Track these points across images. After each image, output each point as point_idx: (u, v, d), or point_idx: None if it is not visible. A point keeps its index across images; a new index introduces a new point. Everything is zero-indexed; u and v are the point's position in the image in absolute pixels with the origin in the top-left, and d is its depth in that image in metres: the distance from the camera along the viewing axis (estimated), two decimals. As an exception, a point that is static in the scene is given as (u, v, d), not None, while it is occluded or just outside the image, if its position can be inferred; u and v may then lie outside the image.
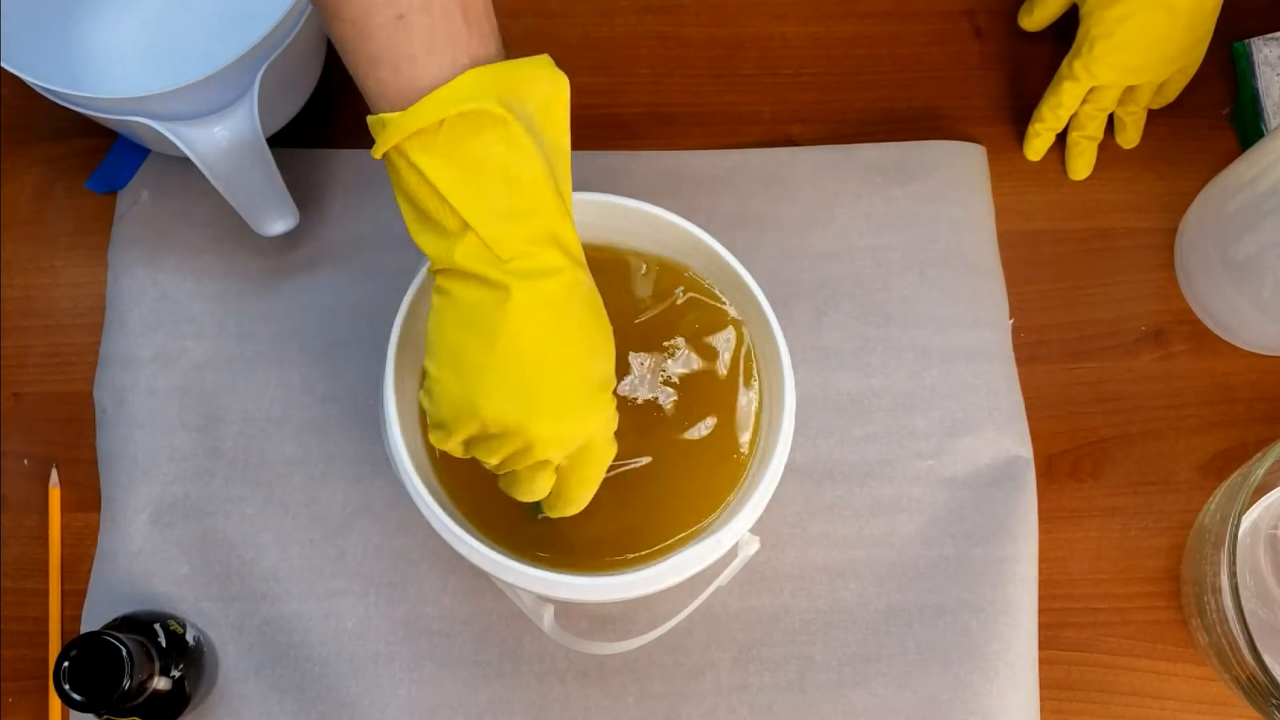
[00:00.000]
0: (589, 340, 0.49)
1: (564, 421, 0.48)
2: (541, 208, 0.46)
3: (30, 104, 0.71)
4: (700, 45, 0.76)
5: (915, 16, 0.77)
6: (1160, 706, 0.64)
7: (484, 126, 0.45)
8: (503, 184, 0.46)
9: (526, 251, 0.46)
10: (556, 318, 0.47)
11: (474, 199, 0.45)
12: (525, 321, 0.46)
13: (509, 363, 0.47)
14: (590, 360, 0.49)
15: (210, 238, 0.70)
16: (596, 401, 0.49)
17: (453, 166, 0.45)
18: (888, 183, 0.72)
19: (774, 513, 0.62)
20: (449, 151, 0.45)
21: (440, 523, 0.53)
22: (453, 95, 0.45)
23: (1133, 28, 0.66)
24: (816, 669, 0.63)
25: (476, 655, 0.63)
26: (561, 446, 0.49)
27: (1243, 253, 0.66)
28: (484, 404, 0.47)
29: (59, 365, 0.68)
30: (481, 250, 0.46)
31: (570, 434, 0.48)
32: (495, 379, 0.47)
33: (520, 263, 0.46)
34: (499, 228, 0.46)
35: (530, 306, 0.46)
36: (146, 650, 0.55)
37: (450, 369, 0.48)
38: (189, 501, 0.65)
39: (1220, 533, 0.59)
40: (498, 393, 0.47)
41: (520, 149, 0.46)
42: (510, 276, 0.46)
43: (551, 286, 0.47)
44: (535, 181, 0.46)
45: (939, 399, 0.67)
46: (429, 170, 0.45)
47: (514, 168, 0.46)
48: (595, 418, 0.49)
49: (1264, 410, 0.69)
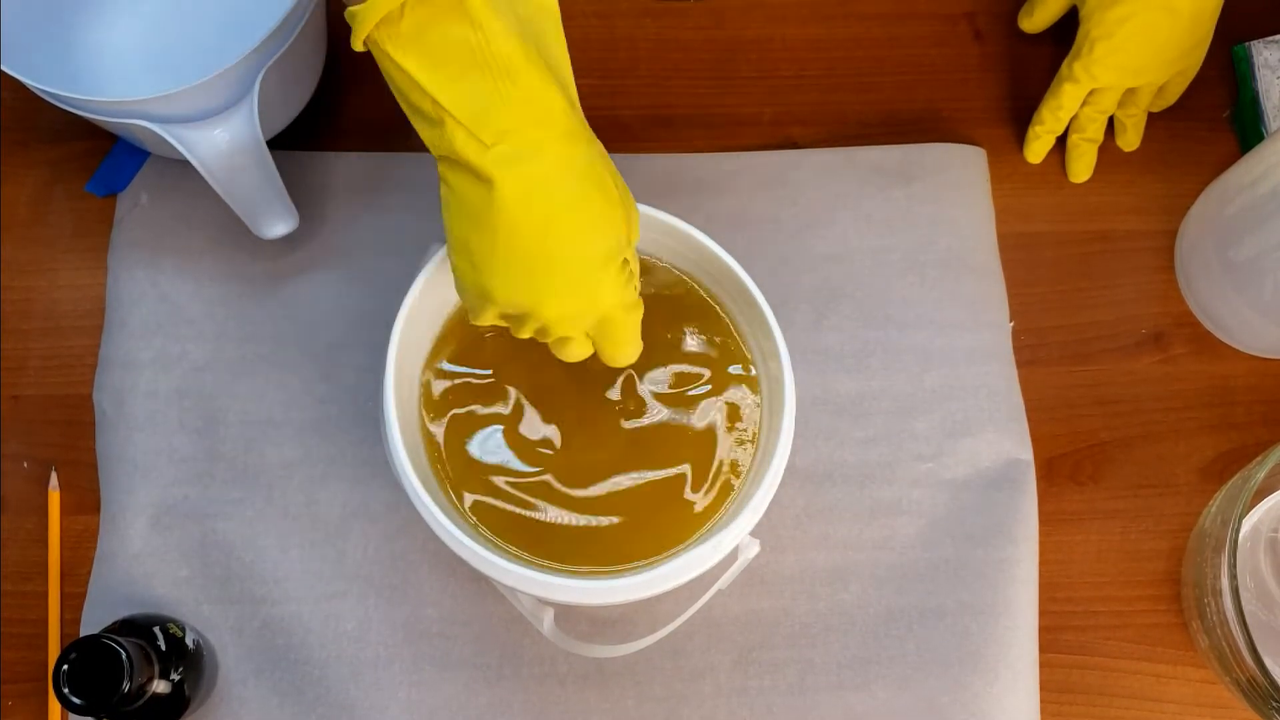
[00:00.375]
0: (588, 215, 0.49)
1: (571, 300, 0.50)
2: (518, 82, 0.47)
3: (30, 106, 0.71)
4: (700, 48, 0.76)
5: (915, 19, 0.77)
6: (1160, 709, 0.64)
7: (444, 7, 0.45)
8: (472, 65, 0.46)
9: (510, 130, 0.47)
10: (548, 199, 0.48)
11: (447, 85, 0.46)
12: (516, 209, 0.47)
13: (509, 251, 0.48)
14: (590, 236, 0.49)
15: (210, 240, 0.70)
16: (601, 276, 0.50)
17: (421, 54, 0.46)
18: (888, 185, 0.72)
19: (774, 515, 0.62)
20: (415, 38, 0.46)
21: (440, 525, 0.53)
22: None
23: (1133, 29, 0.66)
24: (816, 672, 0.63)
25: (476, 658, 0.63)
26: (576, 322, 0.51)
27: (1243, 255, 0.66)
28: (494, 291, 0.49)
29: (58, 368, 0.68)
30: (466, 137, 0.46)
31: (580, 311, 0.50)
32: (500, 267, 0.49)
33: (505, 146, 0.47)
34: (476, 111, 0.46)
35: (519, 193, 0.47)
36: (146, 653, 0.55)
37: (464, 259, 0.50)
38: (189, 504, 0.65)
39: (1221, 536, 0.59)
40: (504, 280, 0.49)
41: (483, 26, 0.46)
42: (496, 165, 0.47)
43: (539, 167, 0.48)
44: (506, 56, 0.46)
45: (939, 401, 0.67)
46: (401, 60, 0.46)
47: (480, 45, 0.46)
48: (603, 292, 0.50)
49: (1264, 413, 0.69)
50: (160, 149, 0.68)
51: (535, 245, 0.48)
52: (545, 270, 0.49)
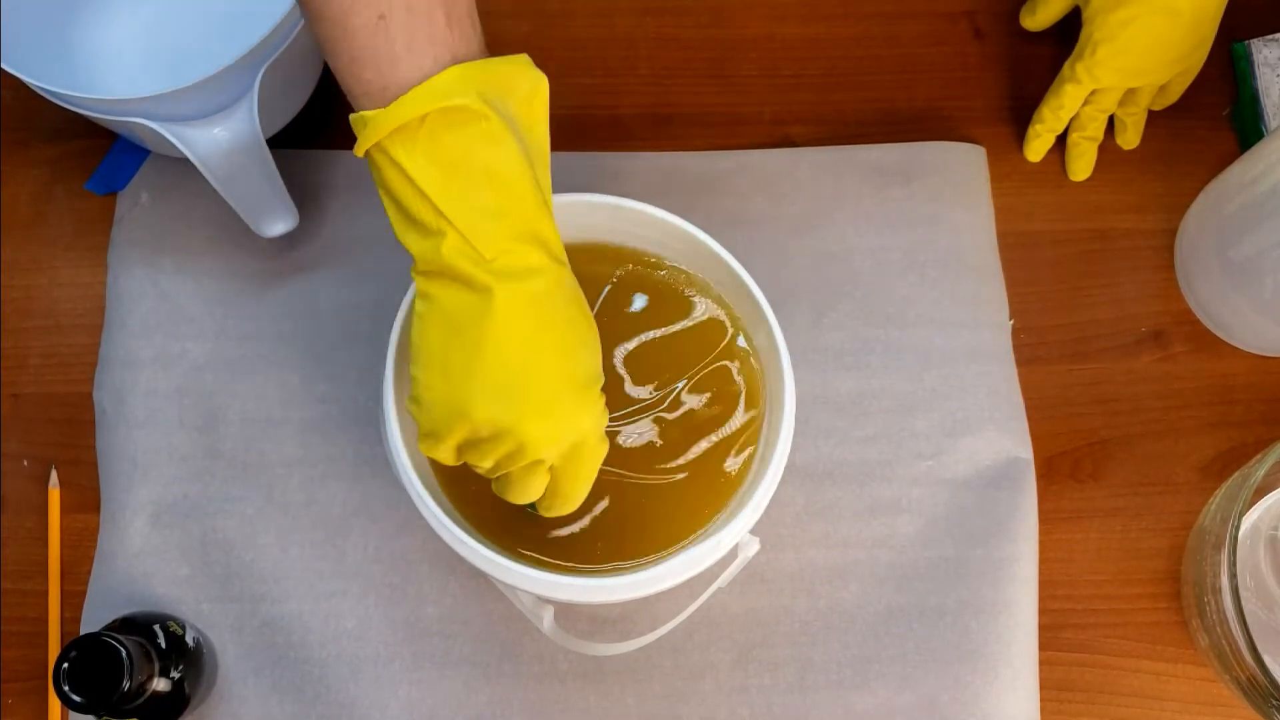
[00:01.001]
0: (575, 338, 0.49)
1: (554, 420, 0.48)
2: (522, 205, 0.47)
3: (30, 105, 0.71)
4: (700, 46, 0.76)
5: (915, 17, 0.77)
6: (1160, 707, 0.64)
7: (465, 122, 0.45)
8: (484, 181, 0.46)
9: (508, 249, 0.46)
10: (541, 317, 0.47)
11: (455, 196, 0.45)
12: (510, 322, 0.47)
13: (497, 364, 0.47)
14: (577, 358, 0.49)
15: (210, 239, 0.70)
16: (585, 398, 0.49)
17: (434, 163, 0.45)
18: (888, 184, 0.72)
19: (774, 514, 0.62)
20: (430, 148, 0.45)
21: (440, 524, 0.53)
22: (434, 91, 0.45)
23: (1136, 31, 0.66)
24: (816, 670, 0.63)
25: (476, 656, 0.63)
26: (554, 445, 0.49)
27: (1242, 254, 0.66)
28: (474, 407, 0.47)
29: (59, 366, 0.68)
30: (464, 248, 0.46)
31: (561, 432, 0.49)
32: (483, 381, 0.47)
33: (503, 261, 0.46)
34: (480, 225, 0.46)
35: (514, 307, 0.47)
36: (146, 651, 0.55)
37: (438, 373, 0.48)
38: (189, 502, 0.65)
39: (1220, 534, 0.59)
40: (487, 395, 0.47)
41: (501, 145, 0.46)
42: (493, 277, 0.46)
43: (535, 286, 0.47)
44: (516, 178, 0.46)
45: (939, 400, 0.67)
46: (410, 167, 0.45)
47: (495, 164, 0.46)
48: (585, 414, 0.49)
49: (1264, 411, 0.69)
50: (160, 147, 0.68)
51: (524, 360, 0.47)
52: (532, 386, 0.47)
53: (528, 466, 0.50)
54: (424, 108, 0.45)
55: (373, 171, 0.47)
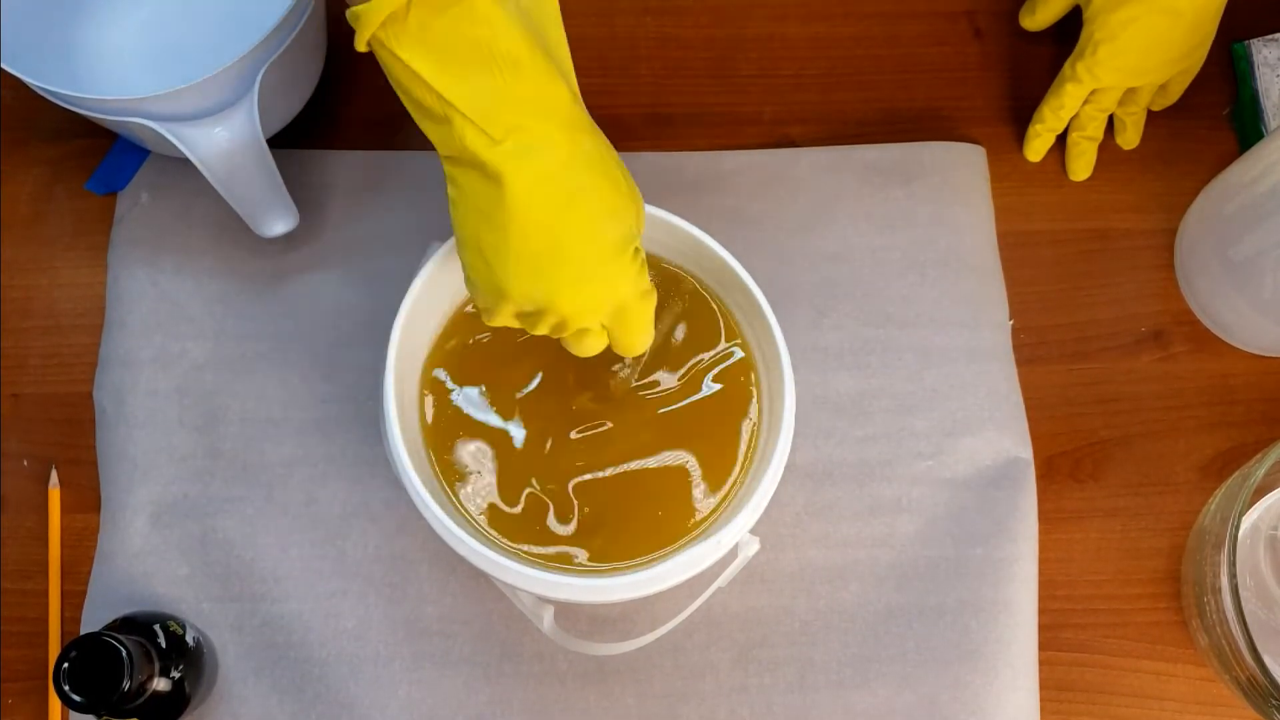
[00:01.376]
0: (599, 206, 0.49)
1: (588, 292, 0.50)
2: (525, 78, 0.47)
3: (30, 105, 0.71)
4: (700, 46, 0.76)
5: (915, 17, 0.77)
6: (1160, 707, 0.64)
7: (449, 3, 0.45)
8: (479, 60, 0.46)
9: (518, 125, 0.46)
10: (560, 192, 0.48)
11: (453, 81, 0.46)
12: (528, 204, 0.47)
13: (522, 246, 0.48)
14: (602, 226, 0.49)
15: (210, 239, 0.70)
16: (615, 265, 0.50)
17: (427, 50, 0.45)
18: (888, 183, 0.72)
19: (774, 513, 0.62)
20: (420, 36, 0.45)
21: (440, 523, 0.53)
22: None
23: (1137, 31, 0.66)
24: (816, 670, 0.63)
25: (476, 656, 0.63)
26: (593, 313, 0.51)
27: (1242, 254, 0.66)
28: (510, 287, 0.49)
29: (59, 366, 0.68)
30: (473, 132, 0.46)
31: (596, 301, 0.50)
32: (514, 263, 0.48)
33: (513, 141, 0.47)
34: (483, 106, 0.46)
35: (530, 187, 0.47)
36: (146, 651, 0.55)
37: (475, 255, 0.49)
38: (189, 502, 0.65)
39: (1220, 534, 0.59)
40: (519, 276, 0.49)
41: (491, 21, 0.46)
42: (505, 160, 0.46)
43: (548, 160, 0.47)
44: (514, 51, 0.46)
45: (939, 400, 0.67)
46: (407, 58, 0.46)
47: (488, 40, 0.46)
48: (618, 280, 0.50)
49: (1264, 411, 0.69)
50: (160, 147, 0.68)
51: (549, 239, 0.48)
52: (561, 262, 0.49)
53: (578, 332, 0.52)
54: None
55: (381, 64, 0.48)
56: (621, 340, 0.54)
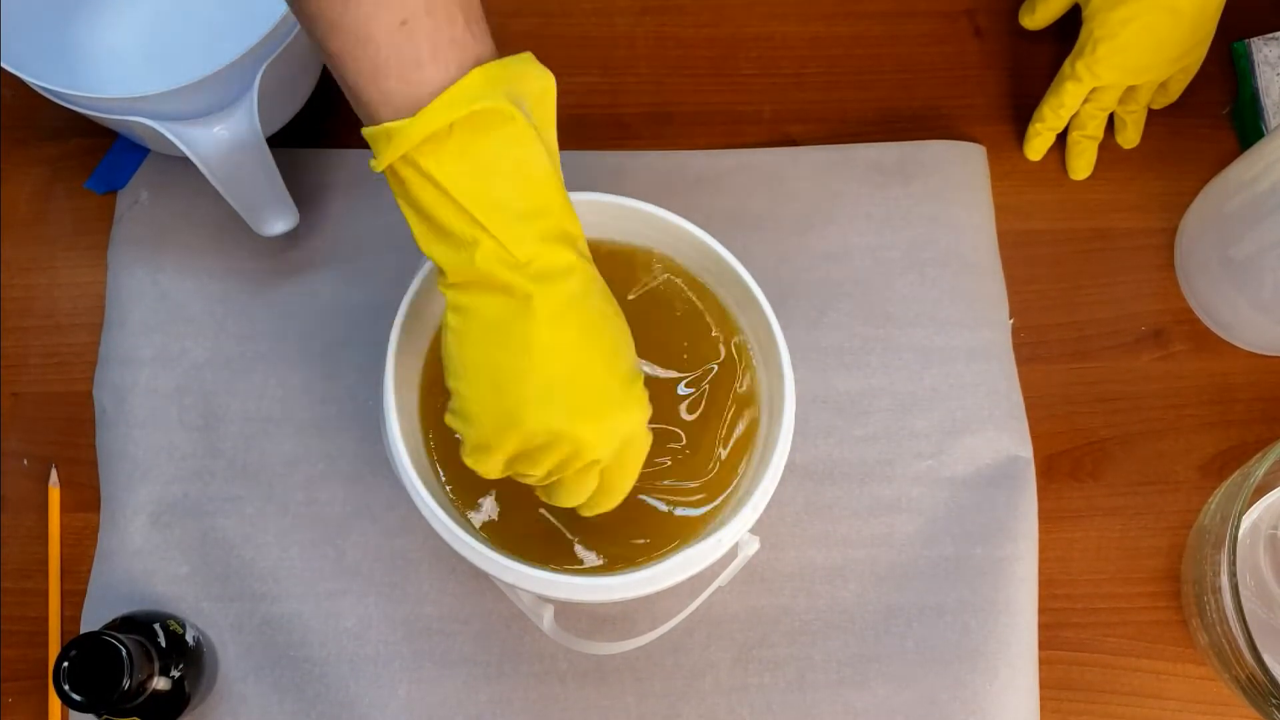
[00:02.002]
0: (614, 334, 0.49)
1: (608, 420, 0.48)
2: (552, 204, 0.46)
3: (30, 104, 0.71)
4: (700, 45, 0.76)
5: (915, 16, 0.77)
6: (1160, 706, 0.64)
7: (494, 125, 0.45)
8: (516, 183, 0.45)
9: (542, 251, 0.46)
10: (582, 318, 0.47)
11: (488, 202, 0.45)
12: (555, 326, 0.46)
13: (546, 369, 0.46)
14: (620, 354, 0.49)
15: (210, 238, 0.70)
16: (633, 393, 0.49)
17: (465, 170, 0.44)
18: (888, 182, 0.72)
19: (774, 513, 0.62)
20: (461, 154, 0.44)
21: (440, 523, 0.53)
22: (463, 95, 0.44)
23: (1137, 30, 0.66)
24: (816, 669, 0.63)
25: (476, 655, 0.63)
26: (608, 444, 0.48)
27: (1243, 253, 0.66)
28: (526, 415, 0.46)
29: (59, 365, 0.68)
30: (500, 254, 0.45)
31: (615, 430, 0.48)
32: (534, 388, 0.46)
33: (538, 264, 0.46)
34: (515, 229, 0.45)
35: (555, 310, 0.46)
36: (146, 650, 0.55)
37: (485, 385, 0.47)
38: (188, 501, 0.65)
39: (1220, 533, 0.59)
40: (538, 401, 0.46)
41: (529, 145, 0.45)
42: (530, 281, 0.45)
43: (571, 286, 0.47)
44: (546, 178, 0.46)
45: (939, 399, 0.67)
46: (440, 176, 0.44)
47: (526, 165, 0.45)
48: (635, 409, 0.49)
49: (1264, 410, 0.69)
50: (160, 146, 0.68)
51: (573, 363, 0.47)
52: (585, 389, 0.47)
53: (582, 469, 0.49)
54: (454, 114, 0.43)
55: (393, 185, 0.46)
56: (614, 482, 0.51)
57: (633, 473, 0.51)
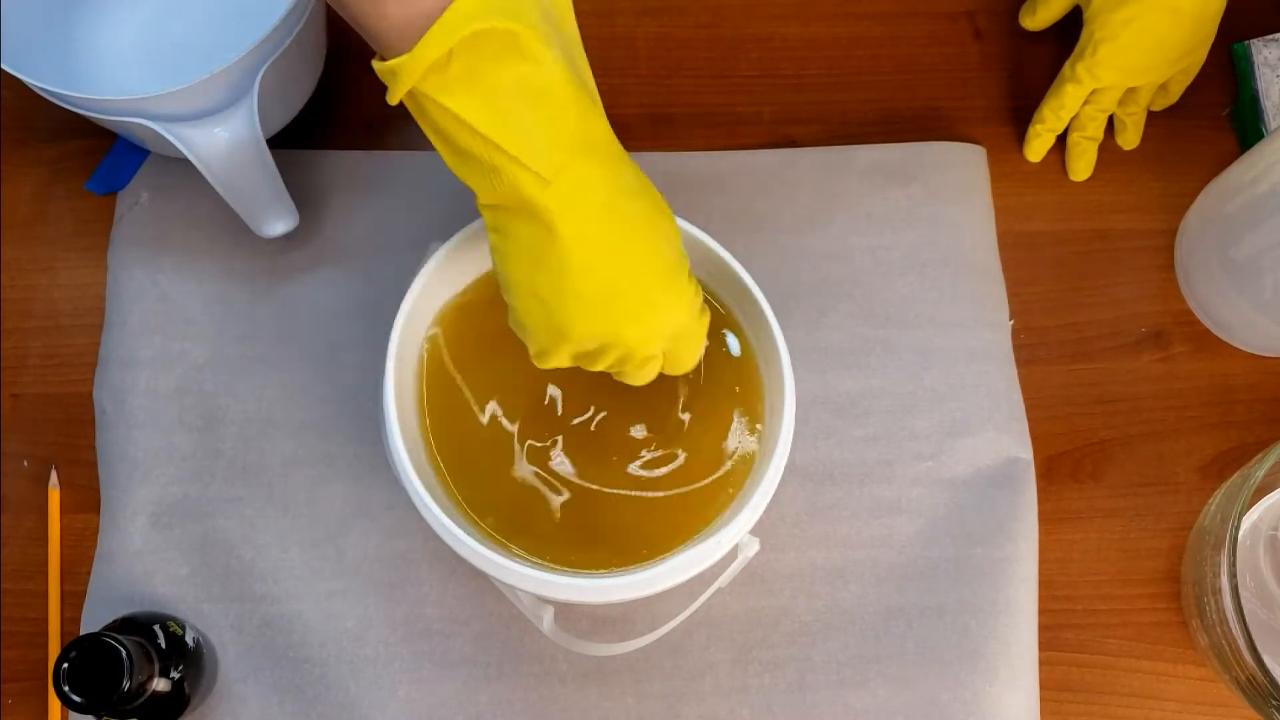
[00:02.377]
0: (650, 231, 0.49)
1: (652, 321, 0.50)
2: (570, 113, 0.46)
3: (30, 105, 0.71)
4: (700, 46, 0.76)
5: (915, 17, 0.77)
6: (1160, 707, 0.64)
7: (494, 44, 0.44)
8: (527, 100, 0.45)
9: (566, 164, 0.46)
10: (614, 226, 0.48)
11: (502, 124, 0.45)
12: (584, 243, 0.47)
13: (583, 285, 0.48)
14: (656, 251, 0.49)
15: (210, 239, 0.70)
16: (674, 287, 0.50)
17: (474, 95, 0.45)
18: (888, 184, 0.72)
19: (774, 514, 0.62)
20: (467, 82, 0.45)
21: (440, 524, 0.53)
22: (456, 19, 0.44)
23: (1137, 31, 0.66)
24: (816, 670, 0.63)
25: (476, 656, 0.63)
26: (659, 340, 0.51)
27: (1243, 254, 0.66)
28: (573, 327, 0.49)
29: (58, 366, 0.68)
30: (522, 174, 0.46)
31: (661, 328, 0.50)
32: (576, 303, 0.48)
33: (562, 180, 0.46)
34: (533, 147, 0.45)
35: (584, 227, 0.47)
36: (146, 651, 0.55)
37: (533, 300, 0.49)
38: (188, 502, 0.65)
39: (1220, 534, 0.59)
40: (582, 315, 0.48)
41: (537, 58, 0.45)
42: (555, 201, 0.46)
43: (599, 196, 0.47)
44: (559, 87, 0.46)
45: (939, 400, 0.67)
46: (451, 104, 0.45)
47: (534, 79, 0.45)
48: (678, 304, 0.50)
49: (1264, 411, 0.69)
50: (160, 147, 0.68)
51: (608, 274, 0.48)
52: (622, 296, 0.49)
53: (640, 361, 0.51)
54: (449, 41, 0.44)
55: (415, 114, 0.47)
56: (678, 361, 0.54)
57: (694, 350, 0.54)
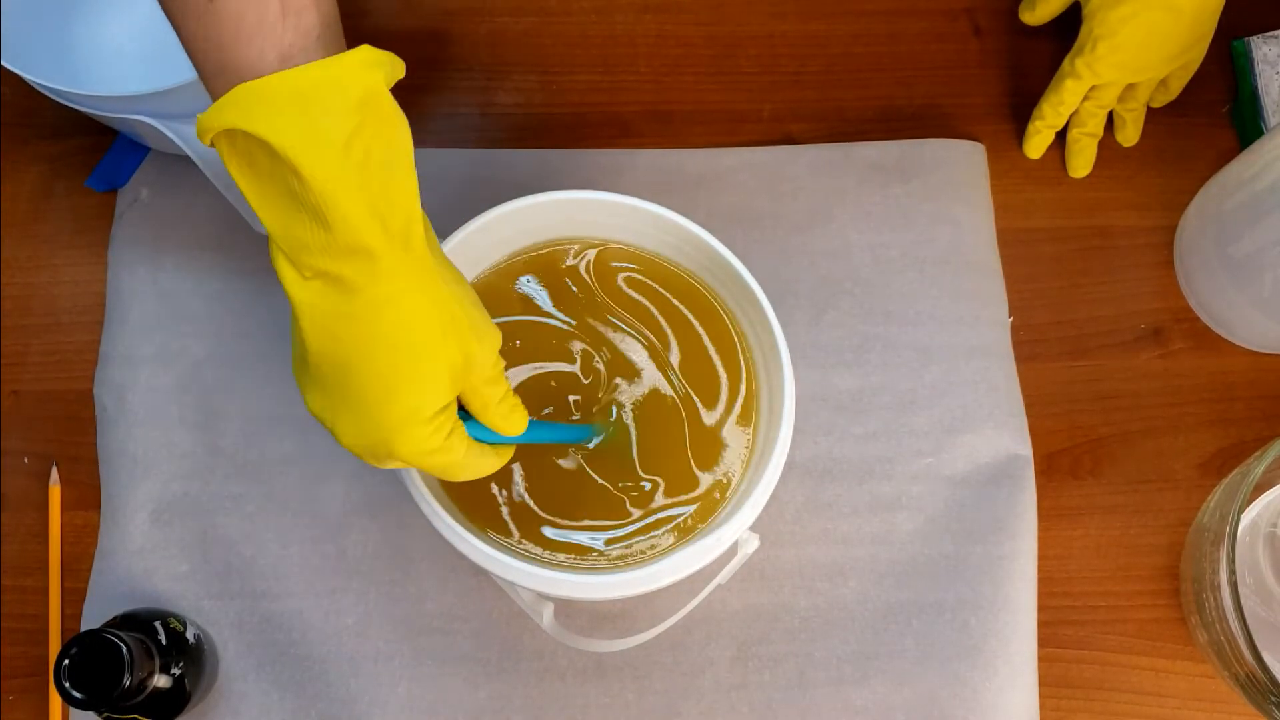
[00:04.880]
0: (394, 367, 0.45)
1: (361, 443, 0.46)
2: (331, 229, 0.43)
3: (30, 102, 0.71)
4: (700, 43, 0.76)
5: (915, 15, 0.77)
6: (1159, 704, 0.65)
7: (260, 144, 0.42)
8: (290, 202, 0.43)
9: (321, 271, 0.44)
10: (351, 347, 0.45)
11: (270, 215, 0.43)
12: (319, 349, 0.45)
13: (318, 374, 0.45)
14: (396, 389, 0.45)
15: (210, 236, 0.70)
16: (401, 432, 0.46)
17: (250, 179, 0.43)
18: (887, 181, 0.72)
19: (773, 510, 0.63)
20: (247, 162, 0.43)
21: (440, 520, 0.53)
22: (227, 107, 0.42)
23: (1136, 28, 0.67)
24: (816, 666, 0.63)
25: (476, 653, 0.63)
26: (370, 459, 0.47)
27: (1242, 250, 0.66)
28: (303, 395, 0.47)
29: (59, 363, 0.68)
30: (284, 264, 0.44)
31: (371, 454, 0.47)
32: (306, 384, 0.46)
33: (314, 285, 0.44)
34: (292, 246, 0.43)
35: (321, 335, 0.44)
36: (146, 648, 0.55)
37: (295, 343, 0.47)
38: (189, 499, 0.65)
39: (1219, 530, 0.59)
40: (310, 394, 0.46)
41: (295, 170, 0.42)
42: (302, 300, 0.44)
43: (345, 314, 0.44)
44: (321, 202, 0.42)
45: (938, 397, 0.67)
46: (238, 178, 0.43)
47: (296, 188, 0.42)
48: (401, 447, 0.46)
49: (1263, 408, 0.69)
50: (160, 144, 0.68)
51: (335, 388, 0.45)
52: (342, 413, 0.46)
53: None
54: (216, 126, 0.42)
55: None
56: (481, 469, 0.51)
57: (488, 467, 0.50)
